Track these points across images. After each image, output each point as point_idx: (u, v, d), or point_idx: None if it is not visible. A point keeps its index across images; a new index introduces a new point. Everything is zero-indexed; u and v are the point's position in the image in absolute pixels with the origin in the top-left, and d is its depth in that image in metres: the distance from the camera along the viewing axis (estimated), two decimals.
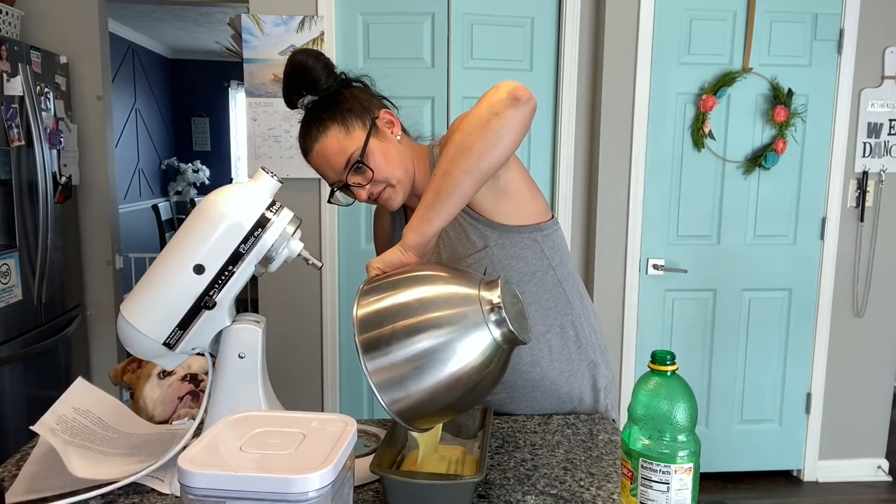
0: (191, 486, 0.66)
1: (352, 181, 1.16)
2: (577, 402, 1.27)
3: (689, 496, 0.76)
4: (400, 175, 1.18)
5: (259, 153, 2.64)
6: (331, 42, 2.62)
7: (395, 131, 1.20)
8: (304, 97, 1.18)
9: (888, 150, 2.78)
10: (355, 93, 1.20)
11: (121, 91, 5.56)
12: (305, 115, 1.20)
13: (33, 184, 2.73)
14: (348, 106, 1.16)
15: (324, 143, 1.15)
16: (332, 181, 1.19)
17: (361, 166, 1.14)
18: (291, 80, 1.18)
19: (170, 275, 0.92)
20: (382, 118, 1.19)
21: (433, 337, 0.83)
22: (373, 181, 1.16)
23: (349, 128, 1.15)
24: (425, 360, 0.83)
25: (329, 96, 1.18)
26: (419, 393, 0.84)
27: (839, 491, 2.86)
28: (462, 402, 0.88)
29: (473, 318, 0.85)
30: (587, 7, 2.69)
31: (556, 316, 1.24)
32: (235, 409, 0.91)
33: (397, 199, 1.20)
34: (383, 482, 0.85)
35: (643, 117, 2.69)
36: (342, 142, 1.14)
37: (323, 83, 1.16)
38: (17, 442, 2.52)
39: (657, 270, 2.77)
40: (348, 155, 1.14)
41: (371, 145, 1.15)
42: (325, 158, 1.16)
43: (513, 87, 0.98)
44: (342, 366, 2.81)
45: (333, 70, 1.18)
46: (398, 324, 0.84)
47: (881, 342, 2.89)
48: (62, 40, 3.15)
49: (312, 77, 1.15)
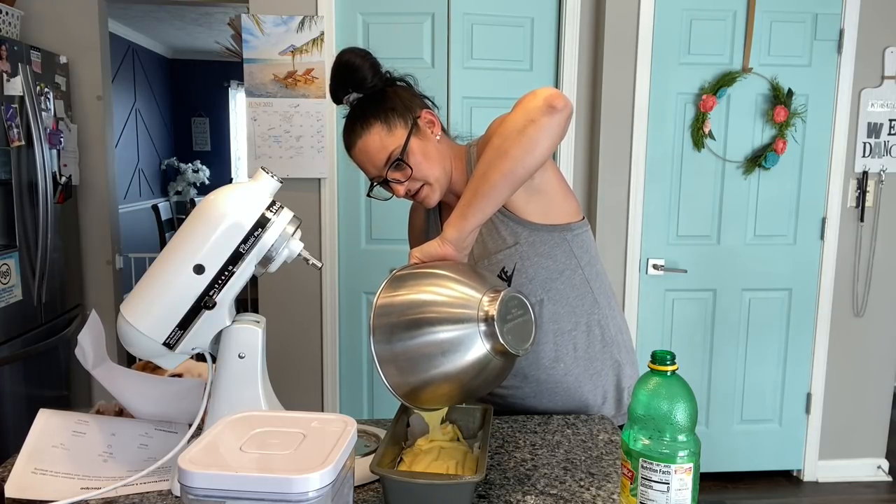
0: (191, 486, 0.66)
1: (391, 177, 1.20)
2: (602, 400, 1.28)
3: (689, 496, 0.76)
4: (438, 174, 1.22)
5: (259, 153, 2.64)
6: (331, 42, 2.62)
7: (435, 131, 1.24)
8: (350, 94, 1.22)
9: (888, 150, 2.78)
10: (399, 91, 1.24)
11: (121, 91, 5.56)
12: (350, 111, 1.23)
13: (33, 184, 2.72)
14: (392, 105, 1.20)
15: (366, 139, 1.19)
16: (373, 176, 1.23)
17: (401, 164, 1.18)
18: (339, 77, 1.21)
19: (170, 275, 0.92)
20: (424, 118, 1.23)
21: (426, 334, 0.89)
22: (411, 178, 1.20)
23: (391, 126, 1.19)
24: (418, 356, 0.89)
25: (374, 94, 1.21)
26: (415, 381, 0.90)
27: (839, 491, 2.86)
28: (461, 395, 0.93)
29: (467, 324, 0.89)
30: (587, 7, 2.69)
31: (583, 314, 1.26)
32: (235, 409, 0.91)
33: (434, 197, 1.24)
34: (383, 482, 0.85)
35: (643, 117, 2.69)
36: (384, 139, 1.18)
37: (369, 82, 1.20)
38: (17, 442, 2.51)
39: (657, 270, 2.77)
40: (389, 152, 1.18)
41: (411, 144, 1.19)
42: (366, 154, 1.20)
43: (550, 94, 1.01)
44: (342, 366, 2.81)
45: (379, 69, 1.22)
46: (402, 318, 0.90)
47: (881, 342, 2.89)
48: (62, 40, 3.15)
49: (359, 76, 1.19)
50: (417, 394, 0.92)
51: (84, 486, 0.94)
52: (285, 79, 2.60)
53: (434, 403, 0.95)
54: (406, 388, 0.91)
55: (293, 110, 2.62)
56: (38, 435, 1.03)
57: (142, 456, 1.03)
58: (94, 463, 0.99)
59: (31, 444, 1.00)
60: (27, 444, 1.00)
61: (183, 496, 0.67)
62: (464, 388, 0.92)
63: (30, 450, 0.98)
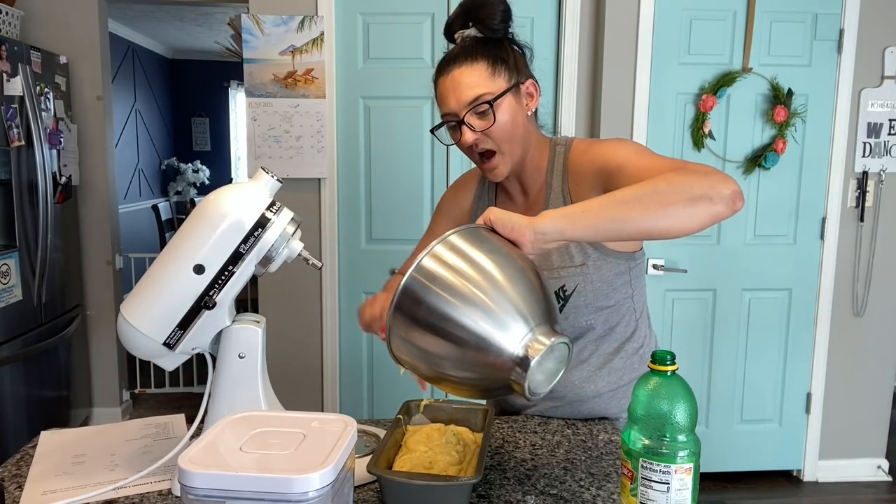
0: (191, 486, 0.66)
1: (469, 121, 1.11)
2: (620, 410, 1.24)
3: (689, 496, 0.76)
4: (516, 148, 1.14)
5: (259, 153, 2.64)
6: (331, 42, 2.62)
7: (531, 105, 1.17)
8: (469, 29, 1.14)
9: (888, 150, 2.78)
10: (517, 52, 1.17)
11: (121, 91, 5.56)
12: (460, 44, 1.15)
13: (33, 184, 2.73)
14: (505, 56, 1.13)
15: (465, 70, 1.10)
16: (450, 110, 1.12)
17: (487, 110, 1.09)
18: (468, 8, 1.14)
19: (170, 275, 0.92)
20: (527, 86, 1.16)
21: (452, 341, 0.80)
22: (487, 133, 1.11)
23: (496, 72, 1.11)
24: (431, 357, 0.83)
25: (492, 40, 1.14)
26: (419, 370, 0.86)
27: (839, 491, 2.86)
28: (451, 390, 0.88)
29: (499, 355, 0.80)
30: (587, 7, 2.69)
31: (625, 342, 1.23)
32: (235, 409, 0.91)
33: (502, 170, 1.15)
34: (381, 482, 0.85)
35: (643, 117, 2.69)
36: (483, 79, 1.10)
37: (496, 23, 1.12)
38: (17, 442, 2.52)
39: (657, 270, 2.77)
40: (481, 92, 1.09)
41: (506, 99, 1.11)
42: (457, 84, 1.10)
43: (738, 191, 0.92)
44: (342, 366, 2.81)
45: (510, 19, 1.14)
46: (437, 302, 0.80)
47: (881, 342, 2.89)
48: (62, 40, 3.15)
49: (489, 13, 1.12)
50: (414, 367, 0.87)
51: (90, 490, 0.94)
52: (285, 79, 2.60)
53: (424, 377, 0.89)
54: (409, 366, 0.87)
55: (293, 110, 2.62)
56: (42, 462, 1.02)
57: (145, 460, 1.03)
58: (101, 473, 0.98)
59: (35, 472, 0.99)
60: (33, 470, 1.00)
61: (183, 496, 0.67)
62: (455, 389, 0.87)
63: (36, 475, 0.98)
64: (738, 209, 0.92)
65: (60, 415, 3.00)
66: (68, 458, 1.03)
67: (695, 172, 0.93)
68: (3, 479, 0.97)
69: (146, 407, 3.69)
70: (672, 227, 0.91)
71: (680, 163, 0.98)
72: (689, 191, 0.90)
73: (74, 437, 1.12)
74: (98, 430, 1.15)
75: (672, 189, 0.91)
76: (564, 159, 1.19)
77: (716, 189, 0.91)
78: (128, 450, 1.07)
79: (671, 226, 0.91)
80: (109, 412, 3.36)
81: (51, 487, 0.93)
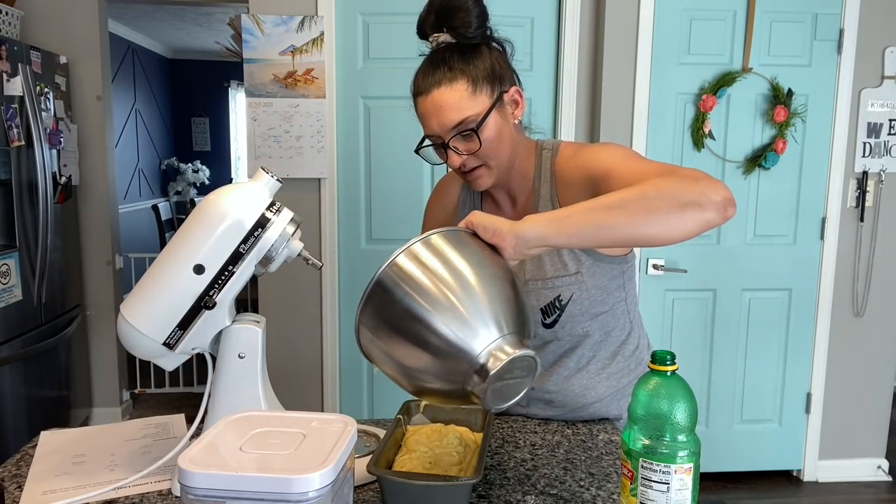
0: (191, 486, 0.66)
1: (454, 144, 1.06)
2: (620, 413, 1.24)
3: (689, 496, 0.76)
4: (503, 160, 1.10)
5: (259, 153, 2.64)
6: (331, 42, 2.62)
7: (516, 114, 1.12)
8: (442, 35, 1.07)
9: (888, 150, 2.78)
10: (495, 55, 1.10)
11: (121, 91, 5.56)
12: (436, 53, 1.08)
13: (33, 184, 2.73)
14: (485, 66, 1.06)
15: (445, 92, 1.04)
16: (433, 133, 1.08)
17: (471, 134, 1.05)
18: (441, 11, 1.07)
19: (170, 275, 0.92)
20: (511, 94, 1.10)
21: (416, 341, 0.79)
22: (474, 154, 1.07)
23: (477, 90, 1.05)
24: (394, 355, 0.81)
25: (468, 46, 1.07)
26: (385, 369, 0.85)
27: (839, 491, 2.86)
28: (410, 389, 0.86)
29: (457, 359, 0.77)
30: (587, 7, 2.69)
31: (620, 345, 1.22)
32: (235, 409, 0.91)
33: (486, 181, 1.12)
34: (381, 483, 0.85)
35: (643, 117, 2.69)
36: (464, 100, 1.04)
37: (472, 30, 1.06)
38: (17, 442, 2.52)
39: (657, 270, 2.77)
40: (464, 117, 1.04)
41: (490, 118, 1.06)
42: (438, 108, 1.05)
43: (730, 197, 0.88)
44: (342, 366, 2.81)
45: (486, 21, 1.08)
46: (405, 301, 0.79)
47: (881, 342, 2.89)
48: (62, 40, 3.15)
49: (464, 19, 1.05)
50: (375, 359, 0.85)
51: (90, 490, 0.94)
52: (285, 79, 2.60)
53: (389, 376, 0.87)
54: (372, 353, 0.85)
55: (293, 110, 2.62)
56: (42, 461, 1.02)
57: (145, 460, 1.03)
58: (101, 473, 0.99)
59: (35, 472, 0.99)
60: (33, 470, 1.00)
61: (183, 496, 0.67)
62: (417, 391, 0.85)
63: (36, 475, 0.98)
64: (729, 216, 0.89)
65: (60, 415, 3.00)
66: (68, 458, 1.03)
67: (684, 178, 0.90)
68: (3, 479, 0.97)
69: (146, 407, 3.69)
70: (659, 235, 0.88)
71: (670, 168, 0.95)
72: (677, 197, 0.87)
73: (74, 437, 1.12)
74: (98, 430, 1.16)
75: (660, 195, 0.87)
76: (552, 164, 1.16)
77: (705, 195, 0.87)
78: (128, 450, 1.07)
79: (658, 233, 0.87)
80: (109, 412, 3.36)
81: (51, 487, 0.93)
